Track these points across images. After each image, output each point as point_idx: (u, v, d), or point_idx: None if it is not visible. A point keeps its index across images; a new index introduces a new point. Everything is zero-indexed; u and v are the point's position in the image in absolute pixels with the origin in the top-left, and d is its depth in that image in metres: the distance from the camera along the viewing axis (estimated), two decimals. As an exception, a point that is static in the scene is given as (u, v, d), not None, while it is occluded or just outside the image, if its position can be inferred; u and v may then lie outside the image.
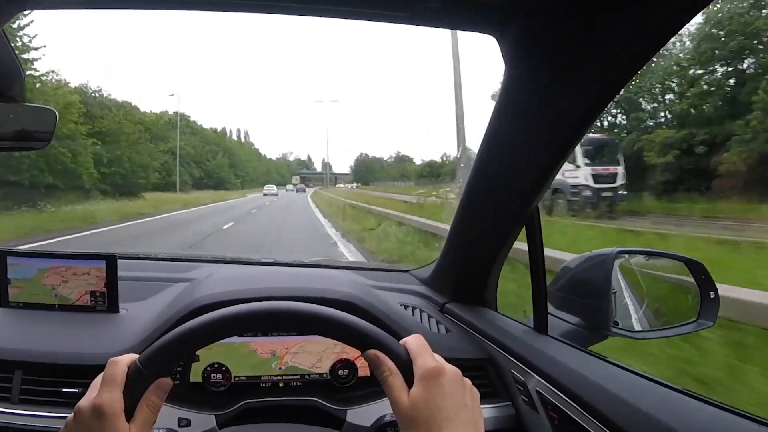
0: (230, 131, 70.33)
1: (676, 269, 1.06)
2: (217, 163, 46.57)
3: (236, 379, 1.02)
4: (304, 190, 65.21)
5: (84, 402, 0.53)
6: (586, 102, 0.73)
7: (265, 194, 42.73)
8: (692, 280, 1.01)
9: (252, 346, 1.03)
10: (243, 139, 78.49)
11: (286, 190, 63.59)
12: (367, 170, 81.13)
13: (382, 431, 0.94)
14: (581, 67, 0.68)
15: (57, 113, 0.93)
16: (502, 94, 0.81)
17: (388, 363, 0.56)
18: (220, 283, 1.15)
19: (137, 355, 0.55)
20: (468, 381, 0.57)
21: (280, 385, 1.03)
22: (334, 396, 1.02)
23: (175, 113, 39.85)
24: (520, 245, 1.02)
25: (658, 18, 0.58)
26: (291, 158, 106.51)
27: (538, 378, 0.88)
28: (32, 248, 1.24)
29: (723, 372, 2.24)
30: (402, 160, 78.79)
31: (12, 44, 0.87)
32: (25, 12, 0.83)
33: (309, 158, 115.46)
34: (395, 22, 0.76)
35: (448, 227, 1.20)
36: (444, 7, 0.66)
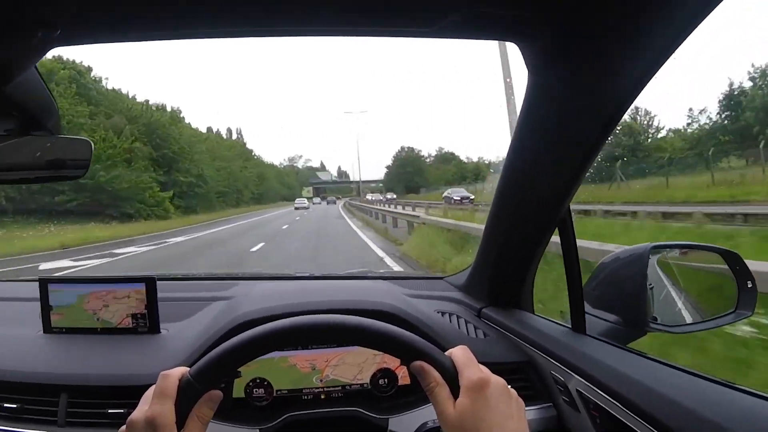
0: (223, 131, 60.68)
1: (711, 261, 1.05)
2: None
3: (278, 393, 1.03)
4: (334, 202, 59.80)
5: (136, 414, 0.54)
6: (611, 103, 0.73)
7: (296, 208, 41.03)
8: (728, 270, 1.01)
9: (291, 361, 1.04)
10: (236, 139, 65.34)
11: (313, 203, 55.95)
12: (406, 173, 65.91)
13: None
14: (603, 72, 0.69)
15: (92, 143, 0.96)
16: (526, 101, 0.81)
17: (435, 374, 0.56)
18: (260, 300, 1.16)
19: (188, 368, 0.56)
20: (514, 392, 0.57)
21: (322, 396, 1.04)
22: (376, 405, 1.03)
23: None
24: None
25: (673, 23, 0.59)
26: (300, 164, 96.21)
27: (579, 378, 0.88)
28: (72, 275, 1.26)
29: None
30: (446, 160, 64.82)
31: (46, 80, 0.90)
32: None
33: (322, 165, 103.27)
34: (418, 37, 0.76)
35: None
36: (466, 19, 0.67)
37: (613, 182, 16.55)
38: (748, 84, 23.33)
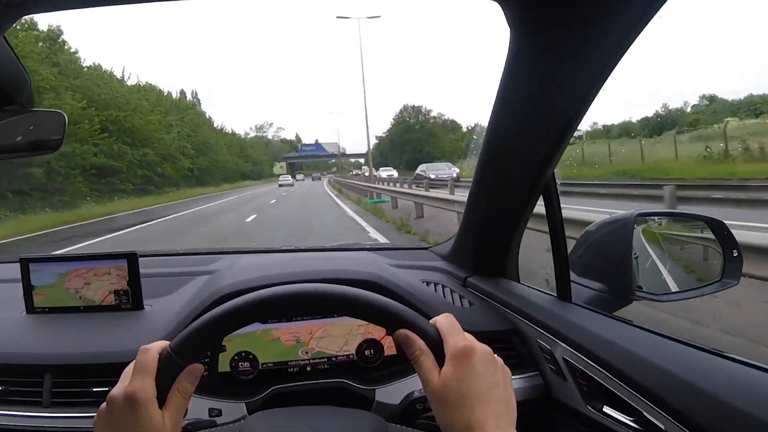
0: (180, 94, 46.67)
1: (697, 229, 1.06)
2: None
3: (264, 366, 1.03)
4: (319, 179, 55.07)
5: (116, 390, 0.53)
6: (596, 62, 0.72)
7: (280, 185, 39.09)
8: (714, 238, 1.01)
9: (275, 334, 1.03)
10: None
11: (297, 179, 49.46)
12: (412, 140, 53.29)
13: (410, 408, 0.94)
14: (590, 24, 0.67)
15: (66, 116, 0.93)
16: (507, 62, 0.79)
17: (419, 342, 0.55)
18: (243, 272, 1.15)
19: (168, 342, 0.55)
20: (499, 360, 0.56)
21: (308, 369, 1.04)
22: (362, 376, 1.03)
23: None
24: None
25: None
26: (269, 134, 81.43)
27: (565, 346, 0.88)
28: (52, 254, 1.25)
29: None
30: (453, 129, 56.48)
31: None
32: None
33: (298, 137, 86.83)
34: None
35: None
36: None
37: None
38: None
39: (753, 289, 2.75)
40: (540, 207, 1.00)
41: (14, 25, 0.83)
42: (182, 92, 47.77)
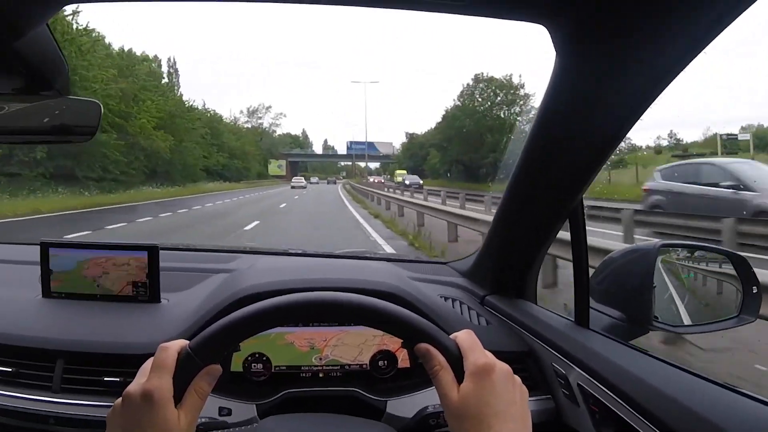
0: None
1: (718, 264, 1.05)
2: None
3: (277, 369, 1.03)
4: (334, 182, 52.47)
5: (133, 387, 0.53)
6: (635, 95, 0.72)
7: (293, 187, 36.26)
8: (735, 274, 1.00)
9: (289, 339, 1.03)
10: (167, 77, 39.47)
11: (310, 182, 44.75)
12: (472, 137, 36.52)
13: (424, 422, 0.94)
14: (632, 58, 0.67)
15: (101, 105, 0.94)
16: (550, 85, 0.79)
17: (439, 357, 0.56)
18: (262, 274, 1.15)
19: (187, 341, 0.56)
20: (518, 379, 0.57)
21: (321, 375, 1.04)
22: (374, 387, 1.03)
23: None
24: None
25: (712, 9, 0.57)
26: (265, 121, 65.13)
27: (580, 371, 0.88)
28: (73, 240, 1.25)
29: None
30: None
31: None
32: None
33: (304, 134, 78.94)
34: (442, 12, 0.74)
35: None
36: None
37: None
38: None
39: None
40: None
41: (58, 12, 0.85)
42: (155, 58, 37.01)
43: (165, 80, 38.76)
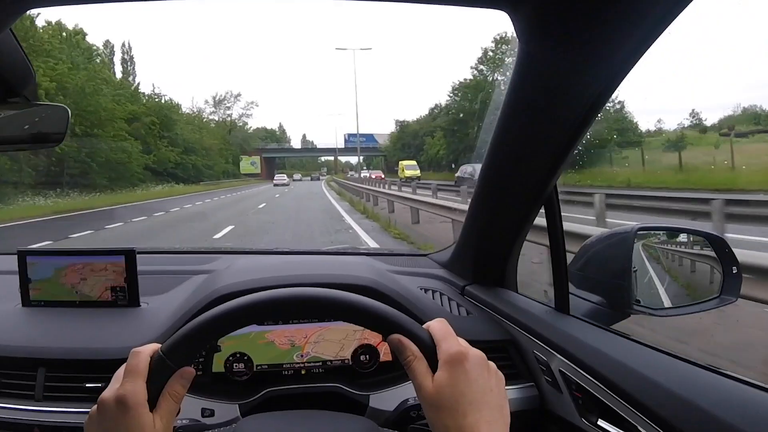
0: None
1: (697, 245, 1.05)
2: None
3: (258, 368, 1.02)
4: (318, 179, 50.37)
5: (107, 393, 0.53)
6: (602, 78, 0.72)
7: (275, 185, 34.33)
8: (714, 255, 1.01)
9: (269, 337, 1.03)
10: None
11: (293, 179, 41.85)
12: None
13: (405, 415, 0.94)
14: (597, 42, 0.67)
15: (69, 110, 0.94)
16: (515, 73, 0.79)
17: (412, 348, 0.55)
18: (240, 273, 1.15)
19: (159, 345, 0.55)
20: (493, 365, 0.56)
21: (303, 372, 1.04)
22: (357, 381, 1.03)
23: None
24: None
25: None
26: (234, 112, 59.36)
27: (561, 358, 0.88)
28: (50, 247, 1.24)
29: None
30: None
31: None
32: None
33: (281, 128, 72.56)
34: (402, 1, 0.74)
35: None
36: None
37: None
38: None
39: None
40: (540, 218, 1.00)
41: (19, 18, 0.84)
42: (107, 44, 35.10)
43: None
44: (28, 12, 0.72)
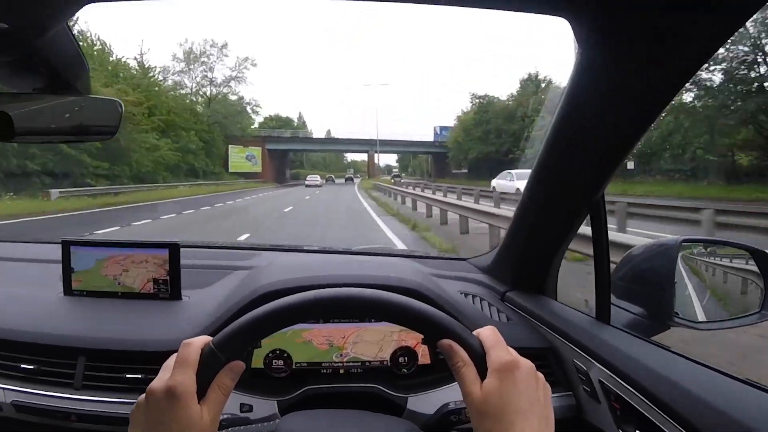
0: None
1: (740, 259, 1.04)
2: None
3: (297, 365, 1.03)
4: (352, 180, 47.41)
5: (156, 383, 0.53)
6: (659, 87, 0.71)
7: (307, 185, 30.87)
8: (757, 270, 0.99)
9: (306, 336, 1.03)
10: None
11: (306, 185, 31.17)
12: None
13: (445, 419, 0.94)
14: (655, 50, 0.67)
15: (122, 105, 0.95)
16: (572, 79, 0.79)
17: (462, 354, 0.55)
18: (282, 271, 1.16)
19: (210, 338, 0.56)
20: (541, 376, 0.56)
21: (341, 371, 1.04)
22: (394, 383, 1.03)
23: None
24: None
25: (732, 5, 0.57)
26: (219, 77, 40.12)
27: (601, 367, 0.88)
28: (94, 238, 1.26)
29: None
30: None
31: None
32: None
33: (301, 119, 59.74)
34: (459, 5, 0.74)
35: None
36: None
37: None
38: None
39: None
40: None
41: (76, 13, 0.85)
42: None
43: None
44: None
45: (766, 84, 19.12)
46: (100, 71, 24.95)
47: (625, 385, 0.81)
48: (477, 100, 40.65)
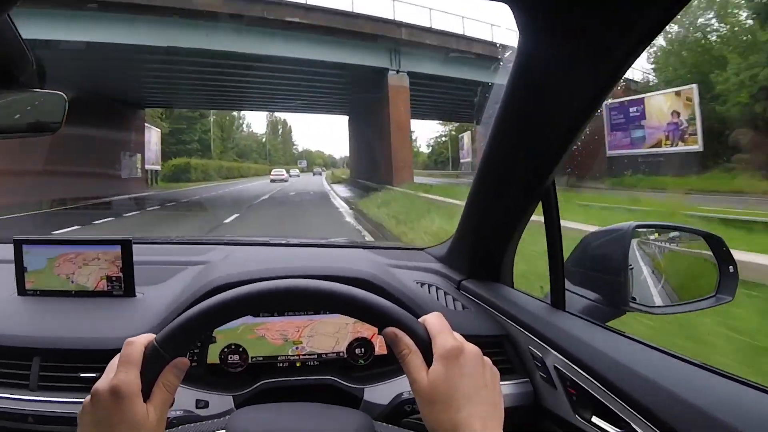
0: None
1: (694, 244, 1.06)
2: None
3: (253, 360, 1.02)
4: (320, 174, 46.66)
5: (101, 383, 0.53)
6: (601, 74, 0.71)
7: (272, 180, 31.81)
8: (710, 253, 1.01)
9: (258, 332, 1.02)
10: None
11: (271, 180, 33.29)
12: None
13: (399, 409, 0.94)
14: (597, 36, 0.67)
15: (66, 98, 0.93)
16: (515, 65, 0.79)
17: (407, 341, 0.55)
18: (236, 264, 1.15)
19: (154, 335, 0.55)
20: (488, 360, 0.56)
21: (297, 364, 1.04)
22: (351, 374, 1.03)
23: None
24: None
25: None
26: None
27: (556, 354, 0.88)
28: (46, 236, 1.22)
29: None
30: None
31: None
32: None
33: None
34: None
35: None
36: None
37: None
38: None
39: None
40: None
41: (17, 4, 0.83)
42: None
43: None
44: None
45: None
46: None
47: (580, 370, 0.82)
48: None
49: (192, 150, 38.37)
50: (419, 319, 0.57)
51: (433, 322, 0.57)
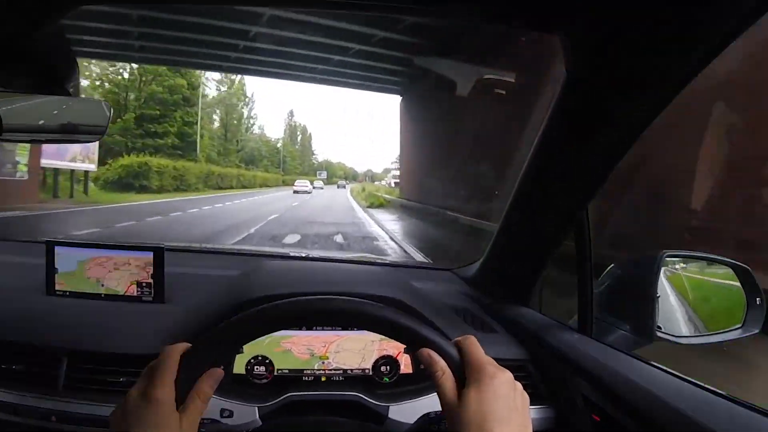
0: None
1: (722, 275, 1.05)
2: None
3: (279, 372, 1.03)
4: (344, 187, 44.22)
5: (135, 390, 0.53)
6: (646, 106, 0.72)
7: (295, 191, 29.16)
8: (738, 285, 1.00)
9: (285, 345, 1.03)
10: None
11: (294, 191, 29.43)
12: None
13: (425, 428, 0.94)
14: (644, 69, 0.68)
15: (110, 106, 0.95)
16: (558, 95, 0.80)
17: (441, 363, 0.56)
18: (267, 279, 1.15)
19: (190, 345, 0.56)
20: (519, 385, 0.57)
21: (323, 379, 1.04)
22: (376, 392, 1.02)
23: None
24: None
25: (720, 23, 0.58)
26: None
27: (582, 380, 0.88)
28: (78, 240, 1.24)
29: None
30: None
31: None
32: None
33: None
34: (451, 17, 0.74)
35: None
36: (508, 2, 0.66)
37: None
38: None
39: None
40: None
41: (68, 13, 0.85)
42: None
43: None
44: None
45: None
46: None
47: (605, 398, 0.81)
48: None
49: (164, 146, 26.05)
50: (453, 341, 0.58)
51: (467, 345, 0.58)
